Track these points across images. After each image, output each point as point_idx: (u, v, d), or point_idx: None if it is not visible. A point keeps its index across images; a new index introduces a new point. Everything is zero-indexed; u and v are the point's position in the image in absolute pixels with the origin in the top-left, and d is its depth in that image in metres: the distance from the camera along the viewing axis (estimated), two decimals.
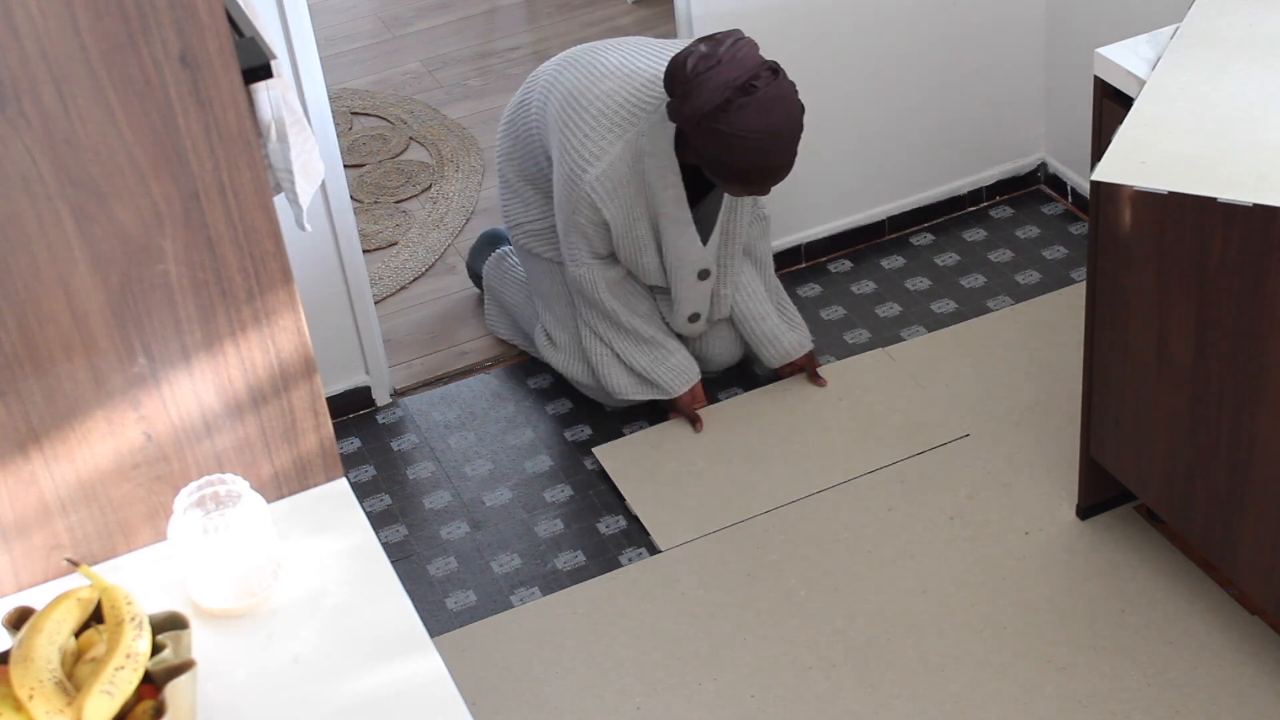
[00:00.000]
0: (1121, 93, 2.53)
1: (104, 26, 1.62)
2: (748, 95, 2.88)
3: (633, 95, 3.04)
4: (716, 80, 2.88)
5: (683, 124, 2.94)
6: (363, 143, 4.44)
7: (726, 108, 2.88)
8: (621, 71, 3.08)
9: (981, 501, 3.11)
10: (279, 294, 1.85)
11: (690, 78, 2.90)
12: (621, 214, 3.08)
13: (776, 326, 3.37)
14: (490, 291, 3.64)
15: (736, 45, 2.92)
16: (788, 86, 2.94)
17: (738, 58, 2.90)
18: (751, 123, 2.88)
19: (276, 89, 1.77)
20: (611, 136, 3.02)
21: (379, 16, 5.09)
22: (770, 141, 2.91)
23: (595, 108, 3.05)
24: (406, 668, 1.77)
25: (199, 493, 1.82)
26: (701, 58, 2.90)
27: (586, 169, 3.03)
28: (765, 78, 2.90)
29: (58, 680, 1.62)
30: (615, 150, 3.02)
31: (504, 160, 3.36)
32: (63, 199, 1.69)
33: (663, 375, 3.30)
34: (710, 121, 2.89)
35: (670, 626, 2.94)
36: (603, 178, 3.03)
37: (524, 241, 3.39)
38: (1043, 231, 3.82)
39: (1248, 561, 2.63)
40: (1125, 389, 2.75)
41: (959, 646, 2.83)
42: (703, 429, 3.33)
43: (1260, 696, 2.69)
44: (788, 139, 2.94)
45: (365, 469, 3.40)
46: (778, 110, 2.91)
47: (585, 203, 3.06)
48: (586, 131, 3.04)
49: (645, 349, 3.29)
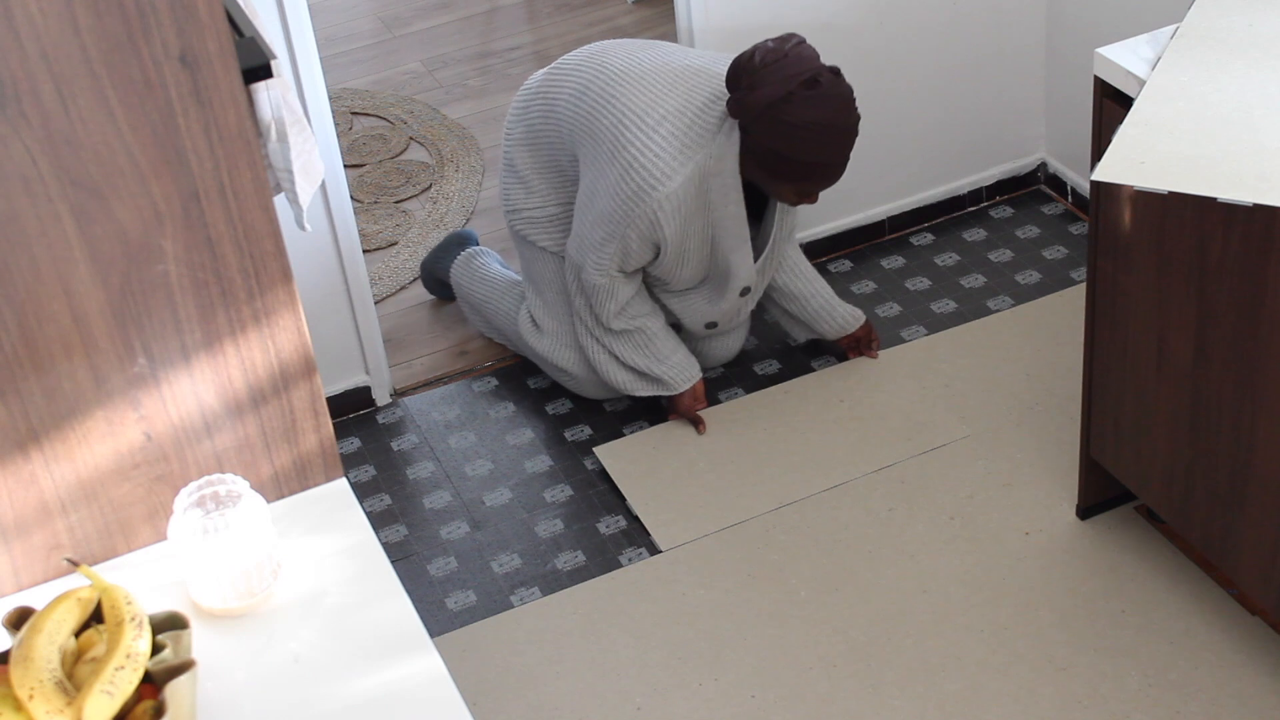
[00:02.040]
0: (1121, 93, 2.53)
1: (104, 26, 1.62)
2: (811, 89, 2.96)
3: (699, 114, 3.08)
4: (783, 73, 2.96)
5: (745, 117, 2.99)
6: (363, 143, 4.44)
7: (790, 99, 2.95)
8: (684, 87, 3.12)
9: (981, 501, 3.11)
10: (279, 294, 1.85)
11: (758, 67, 2.97)
12: (678, 233, 3.12)
13: (832, 300, 3.44)
14: (459, 290, 3.65)
15: (801, 45, 3.01)
16: (847, 89, 3.02)
17: (803, 55, 2.99)
18: (814, 115, 2.96)
19: (276, 89, 1.77)
20: (683, 157, 3.06)
21: (379, 16, 5.09)
22: (830, 135, 2.98)
23: (666, 127, 3.07)
24: (406, 668, 1.77)
25: (199, 493, 1.82)
26: (768, 51, 2.99)
27: (657, 187, 3.06)
28: (828, 76, 3.00)
29: (58, 680, 1.62)
30: (687, 171, 3.06)
31: (515, 146, 3.35)
32: (63, 199, 1.69)
33: (665, 371, 3.31)
34: (774, 111, 2.96)
35: (670, 626, 2.94)
36: (672, 197, 3.07)
37: (521, 228, 3.39)
38: (1043, 231, 3.82)
39: (1248, 561, 2.63)
40: (1125, 389, 2.75)
41: (959, 646, 2.83)
42: (706, 430, 3.33)
43: (1260, 697, 2.69)
44: (846, 136, 3.01)
45: (365, 469, 3.40)
46: (839, 106, 2.99)
47: (646, 220, 3.09)
48: (658, 151, 3.06)
49: (643, 349, 3.29)
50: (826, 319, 3.44)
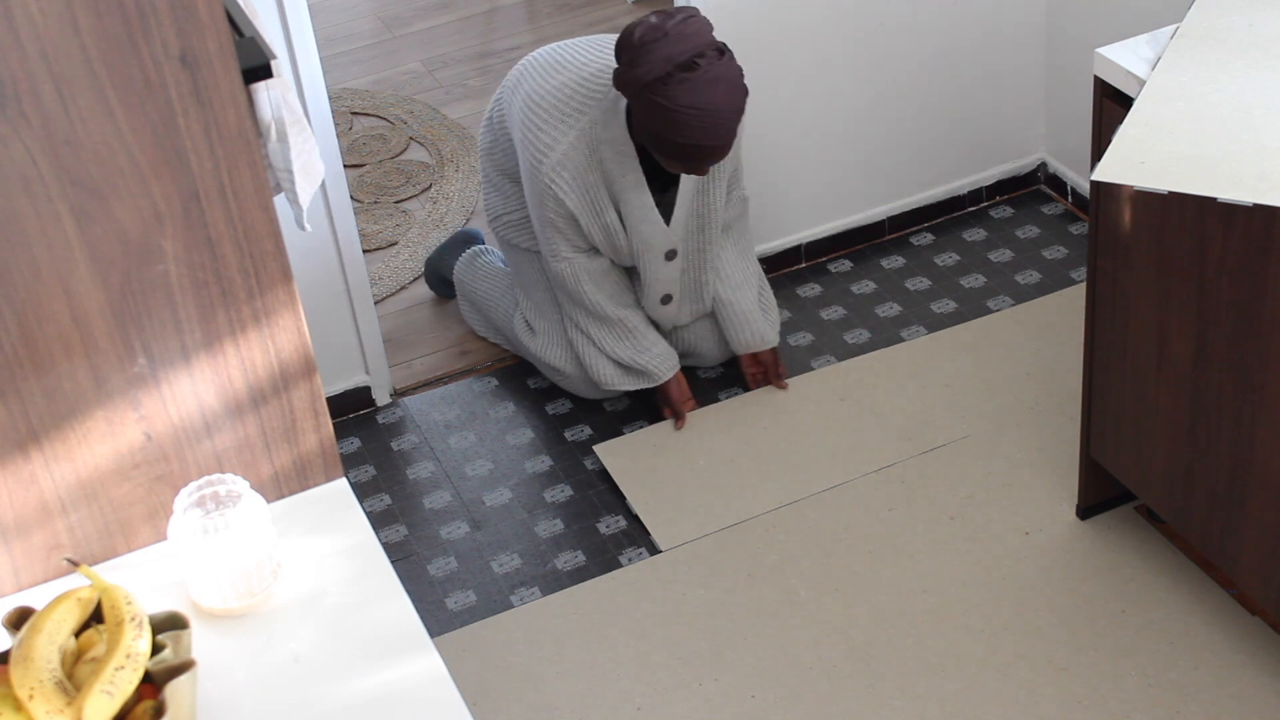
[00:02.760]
0: (1121, 93, 2.53)
1: (104, 26, 1.62)
2: (689, 71, 2.90)
3: (581, 85, 3.08)
4: (661, 52, 2.90)
5: (626, 92, 2.96)
6: (363, 143, 4.44)
7: (667, 80, 2.89)
8: (573, 64, 3.13)
9: (981, 501, 3.11)
10: (279, 294, 1.85)
11: (637, 46, 2.92)
12: (585, 202, 3.11)
13: (750, 311, 3.38)
14: (461, 288, 3.67)
15: (687, 22, 2.94)
16: (733, 69, 2.94)
17: (685, 34, 2.92)
18: (689, 99, 2.90)
19: (276, 89, 1.77)
20: (564, 126, 3.06)
21: (379, 16, 5.09)
22: (707, 118, 2.91)
23: (548, 101, 3.09)
24: (406, 668, 1.77)
25: (199, 493, 1.82)
26: (650, 28, 2.92)
27: (543, 160, 3.08)
28: (710, 57, 2.92)
29: (58, 680, 1.62)
30: (569, 139, 3.05)
31: (483, 155, 3.43)
32: (63, 199, 1.69)
33: (648, 362, 3.31)
34: (650, 93, 2.91)
35: (670, 626, 2.94)
36: (558, 166, 3.06)
37: (503, 233, 3.43)
38: (1043, 231, 3.82)
39: (1248, 561, 2.63)
40: (1125, 389, 2.75)
41: (959, 646, 2.83)
42: (684, 426, 3.34)
43: (1260, 697, 2.69)
44: (725, 120, 2.93)
45: (365, 469, 3.40)
46: (718, 90, 2.91)
47: (548, 195, 3.11)
48: (541, 125, 3.08)
49: (626, 340, 3.31)
50: (735, 330, 3.38)
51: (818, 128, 3.63)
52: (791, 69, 3.53)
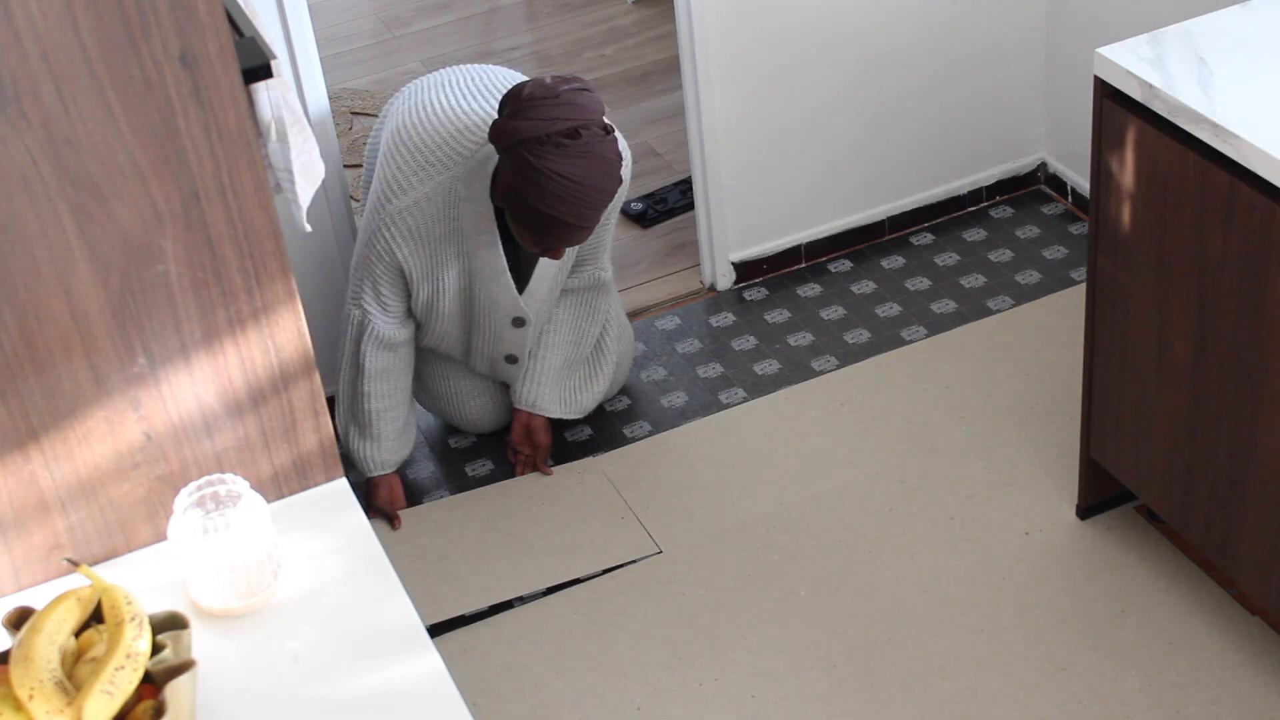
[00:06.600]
0: (1121, 93, 2.53)
1: (104, 26, 1.62)
2: (569, 139, 2.80)
3: (453, 138, 2.95)
4: (547, 113, 2.80)
5: (499, 144, 2.83)
6: (363, 143, 4.44)
7: (544, 141, 2.78)
8: (450, 112, 2.99)
9: (981, 501, 3.11)
10: (279, 293, 1.85)
11: (524, 100, 2.82)
12: (421, 255, 2.97)
13: (543, 373, 3.26)
14: None
15: (581, 93, 2.84)
16: (611, 150, 2.84)
17: (577, 103, 2.82)
18: (560, 165, 2.79)
19: (276, 89, 1.77)
20: (424, 175, 2.93)
21: (379, 16, 5.09)
22: (572, 190, 2.80)
23: (415, 144, 2.96)
24: (406, 667, 1.77)
25: (199, 492, 1.82)
26: (544, 87, 2.83)
27: (391, 199, 2.94)
28: (594, 131, 2.82)
29: (58, 680, 1.62)
30: (425, 189, 2.92)
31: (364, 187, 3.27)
32: (63, 199, 1.69)
33: (364, 452, 3.18)
34: (523, 149, 2.79)
35: (670, 626, 2.94)
36: (404, 212, 2.93)
37: None
38: (1043, 231, 3.83)
39: (1248, 561, 2.63)
40: (1125, 389, 2.75)
41: (959, 646, 2.83)
42: (400, 527, 3.19)
43: (1260, 697, 2.69)
44: (588, 197, 2.82)
45: None
46: (591, 165, 2.81)
47: (380, 236, 2.96)
48: (400, 165, 2.95)
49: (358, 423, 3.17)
50: (520, 384, 3.26)
51: (818, 128, 3.63)
52: (792, 69, 3.53)
